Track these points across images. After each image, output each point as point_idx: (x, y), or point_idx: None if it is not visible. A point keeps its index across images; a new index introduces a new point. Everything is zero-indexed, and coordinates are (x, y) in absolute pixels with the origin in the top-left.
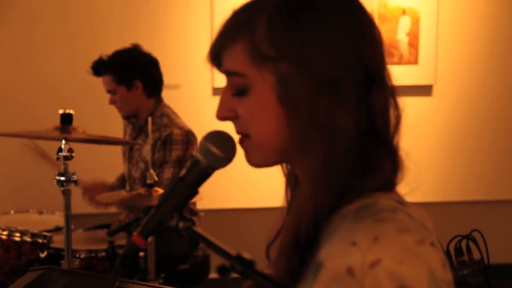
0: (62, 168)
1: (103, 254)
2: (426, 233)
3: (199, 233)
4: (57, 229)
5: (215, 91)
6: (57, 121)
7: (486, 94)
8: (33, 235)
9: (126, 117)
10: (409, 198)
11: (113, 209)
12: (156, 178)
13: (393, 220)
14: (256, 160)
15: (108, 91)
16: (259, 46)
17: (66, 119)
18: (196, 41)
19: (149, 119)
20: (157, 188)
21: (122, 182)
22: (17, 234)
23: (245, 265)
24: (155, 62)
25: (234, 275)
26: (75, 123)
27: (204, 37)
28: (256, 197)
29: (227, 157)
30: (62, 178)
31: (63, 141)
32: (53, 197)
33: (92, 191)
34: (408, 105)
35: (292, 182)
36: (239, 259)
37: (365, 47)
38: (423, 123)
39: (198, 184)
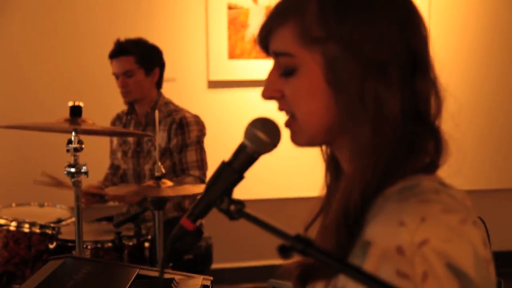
0: (72, 160)
1: (110, 245)
2: (468, 213)
3: (251, 215)
4: (59, 221)
5: (210, 84)
6: (66, 114)
7: (483, 89)
8: (42, 227)
9: (130, 103)
10: None
11: (114, 203)
12: (163, 171)
13: (437, 201)
14: (302, 140)
15: (124, 73)
16: (309, 28)
17: (76, 111)
18: (191, 35)
19: (156, 112)
20: (164, 180)
21: (112, 184)
22: (26, 226)
23: (306, 244)
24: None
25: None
26: (84, 115)
27: (199, 30)
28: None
29: (273, 142)
30: (73, 170)
31: (73, 133)
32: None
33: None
34: None
35: (332, 166)
36: (299, 238)
37: (411, 33)
38: None
39: (244, 169)
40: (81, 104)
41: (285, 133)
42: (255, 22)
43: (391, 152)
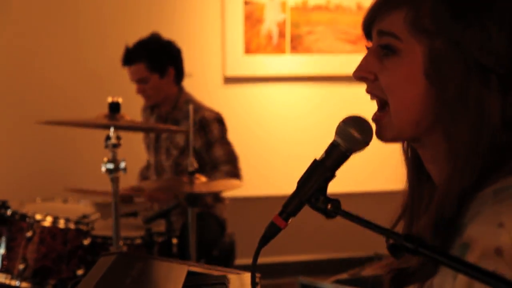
0: (110, 156)
1: (139, 241)
2: None
3: (350, 213)
4: (85, 217)
5: (226, 80)
6: (105, 110)
7: None
8: (77, 222)
9: (153, 106)
10: None
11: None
12: (196, 166)
13: None
14: (390, 133)
15: (138, 80)
16: (422, 18)
17: (114, 107)
18: (207, 30)
19: (191, 107)
20: (198, 175)
21: (144, 177)
22: (62, 221)
23: (417, 243)
24: (179, 49)
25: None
26: (122, 111)
27: (215, 25)
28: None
29: (366, 140)
30: (111, 166)
31: (112, 129)
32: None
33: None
34: None
35: (415, 164)
36: (409, 237)
37: None
38: None
39: (337, 167)
40: (120, 100)
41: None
42: (271, 17)
43: (487, 157)
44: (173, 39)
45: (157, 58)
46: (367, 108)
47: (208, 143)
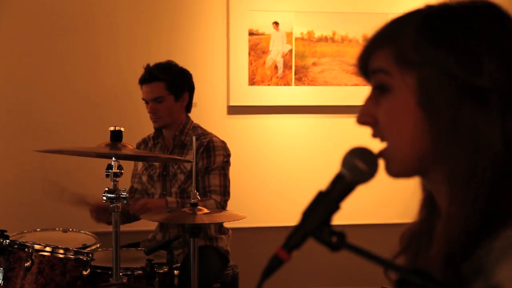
0: (111, 185)
1: (140, 272)
2: None
3: (355, 246)
4: (85, 247)
5: (230, 109)
6: (106, 138)
7: None
8: (76, 252)
9: (160, 128)
10: None
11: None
12: (199, 198)
13: None
14: (394, 169)
15: (154, 99)
16: (405, 52)
17: (116, 135)
18: (212, 60)
19: (194, 137)
20: (200, 207)
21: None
22: (61, 251)
23: (426, 278)
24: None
25: None
26: (124, 139)
27: (220, 56)
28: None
29: (372, 172)
30: (112, 195)
31: (113, 158)
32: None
33: (99, 211)
34: None
35: (428, 201)
36: (417, 271)
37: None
38: None
39: (342, 199)
40: (122, 128)
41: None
42: (276, 49)
43: (492, 185)
44: None
45: (177, 81)
46: (372, 140)
47: (208, 167)
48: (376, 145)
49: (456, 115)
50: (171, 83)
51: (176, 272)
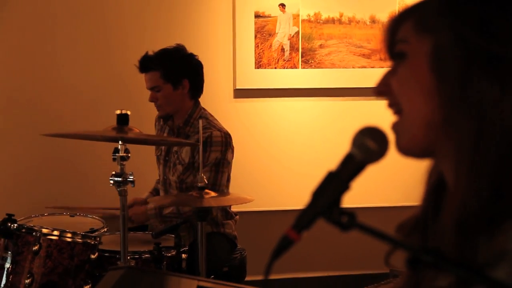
0: (118, 169)
1: (147, 255)
2: None
3: (365, 226)
4: (93, 231)
5: (237, 93)
6: (113, 122)
7: None
8: (84, 236)
9: (164, 117)
10: None
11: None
12: (206, 181)
13: None
14: (404, 142)
15: (152, 88)
16: (425, 17)
17: (123, 119)
18: (218, 43)
19: (200, 122)
20: (207, 190)
21: (156, 194)
22: (69, 235)
23: (436, 255)
24: (201, 65)
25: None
26: (131, 123)
27: (226, 39)
28: (291, 198)
29: (382, 152)
30: (119, 179)
31: (120, 142)
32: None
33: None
34: None
35: (437, 186)
36: (427, 249)
37: None
38: None
39: (352, 179)
40: (128, 112)
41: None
42: (283, 31)
43: (500, 158)
44: None
45: (172, 69)
46: (380, 122)
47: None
48: (386, 126)
49: (466, 82)
50: (166, 72)
51: (184, 255)
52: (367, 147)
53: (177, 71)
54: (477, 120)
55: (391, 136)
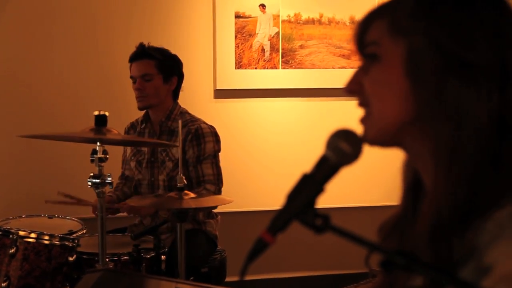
0: (96, 170)
1: (126, 257)
2: None
3: (339, 228)
4: (71, 233)
5: (217, 93)
6: (91, 123)
7: None
8: (62, 238)
9: (144, 108)
10: None
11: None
12: (185, 182)
13: None
14: (373, 135)
15: (142, 76)
16: (399, 19)
17: (101, 120)
18: (199, 44)
19: (180, 122)
20: (187, 191)
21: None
22: (46, 237)
23: (410, 258)
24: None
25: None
26: (109, 124)
27: (207, 39)
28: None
29: (356, 154)
30: (97, 181)
31: (98, 143)
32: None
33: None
34: None
35: (413, 183)
36: (399, 252)
37: (504, 41)
38: None
39: (326, 181)
40: (107, 113)
41: None
42: (263, 31)
43: (478, 161)
44: None
45: (168, 62)
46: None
47: (200, 156)
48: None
49: (441, 86)
50: (162, 63)
51: (163, 257)
52: (341, 149)
53: (171, 66)
54: (454, 124)
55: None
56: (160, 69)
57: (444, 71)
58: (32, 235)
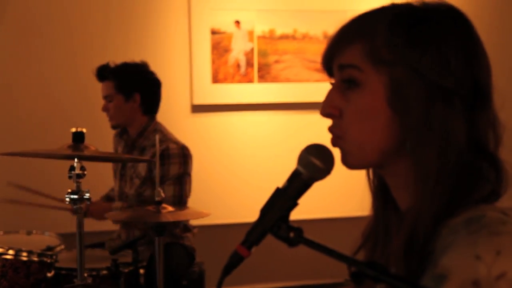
0: (74, 186)
1: (105, 272)
2: None
3: (312, 241)
4: (49, 249)
5: (194, 108)
6: (69, 140)
7: None
8: (40, 255)
9: (115, 127)
10: None
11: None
12: (163, 195)
13: (508, 232)
14: (353, 161)
15: (105, 97)
16: (379, 49)
17: (78, 137)
18: (175, 59)
19: (157, 136)
20: (165, 205)
21: (107, 199)
22: (24, 254)
23: (379, 270)
24: (158, 83)
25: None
26: (87, 141)
27: (183, 55)
28: (248, 212)
29: (328, 169)
30: (75, 196)
31: (76, 159)
32: (41, 216)
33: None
34: None
35: (380, 192)
36: (372, 264)
37: (476, 64)
38: None
39: (299, 195)
40: (84, 130)
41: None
42: (238, 47)
43: (456, 180)
44: None
45: (125, 81)
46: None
47: (163, 176)
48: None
49: (426, 114)
50: (119, 83)
51: (141, 271)
52: (312, 165)
53: (129, 84)
54: (439, 148)
55: (335, 152)
56: (118, 89)
57: (428, 99)
58: (10, 251)
